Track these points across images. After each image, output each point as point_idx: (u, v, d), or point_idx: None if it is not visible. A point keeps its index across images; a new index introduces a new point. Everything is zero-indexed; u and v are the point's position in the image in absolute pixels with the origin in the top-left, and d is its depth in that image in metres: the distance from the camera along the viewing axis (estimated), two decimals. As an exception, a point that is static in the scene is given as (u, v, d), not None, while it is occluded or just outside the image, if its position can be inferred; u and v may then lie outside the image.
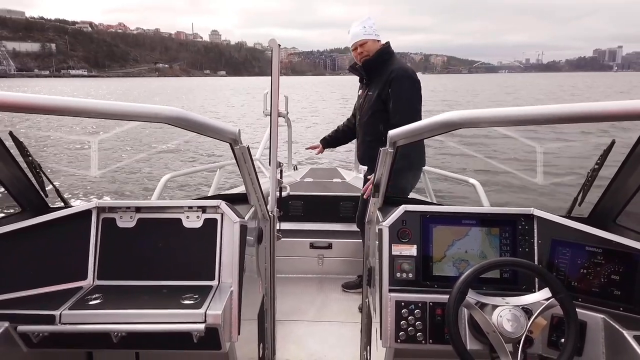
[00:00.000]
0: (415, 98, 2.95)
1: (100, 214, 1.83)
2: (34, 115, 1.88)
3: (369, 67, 3.12)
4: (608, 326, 1.50)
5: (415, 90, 2.96)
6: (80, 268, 1.76)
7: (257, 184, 2.05)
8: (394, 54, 3.15)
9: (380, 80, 3.02)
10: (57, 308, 1.54)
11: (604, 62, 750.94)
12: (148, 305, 1.58)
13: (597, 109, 1.21)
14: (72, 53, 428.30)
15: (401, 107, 2.91)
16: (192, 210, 1.84)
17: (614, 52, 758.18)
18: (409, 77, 2.95)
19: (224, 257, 1.77)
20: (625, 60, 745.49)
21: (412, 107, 2.92)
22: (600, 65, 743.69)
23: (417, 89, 2.97)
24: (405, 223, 1.80)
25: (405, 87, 2.93)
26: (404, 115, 2.84)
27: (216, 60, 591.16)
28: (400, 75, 2.94)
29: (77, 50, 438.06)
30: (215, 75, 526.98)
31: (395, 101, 2.94)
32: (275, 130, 2.35)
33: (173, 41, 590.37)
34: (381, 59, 3.09)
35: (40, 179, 1.97)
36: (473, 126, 1.40)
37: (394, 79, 2.93)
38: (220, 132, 1.58)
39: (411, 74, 2.98)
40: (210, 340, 1.58)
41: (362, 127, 3.26)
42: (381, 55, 3.09)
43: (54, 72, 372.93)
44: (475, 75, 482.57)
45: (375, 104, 3.05)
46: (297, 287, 3.73)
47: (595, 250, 1.64)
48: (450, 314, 1.46)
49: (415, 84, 2.96)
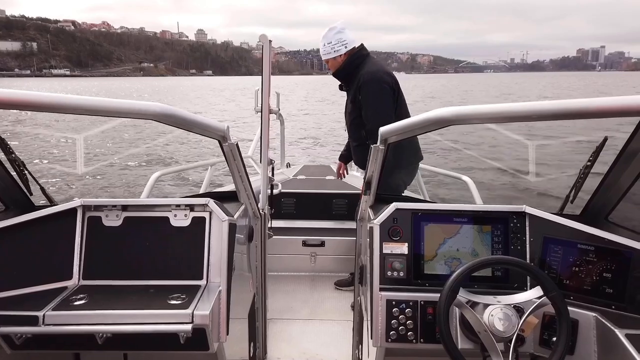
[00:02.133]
0: (383, 100, 2.93)
1: (86, 212, 1.79)
2: (15, 111, 1.62)
3: (339, 78, 3.18)
4: (600, 324, 1.49)
5: (382, 92, 2.93)
6: (65, 268, 1.73)
7: (247, 182, 2.02)
8: (368, 56, 3.11)
9: (354, 86, 3.05)
10: (40, 309, 1.50)
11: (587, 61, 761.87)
12: (134, 305, 1.55)
13: (591, 105, 1.20)
14: (54, 52, 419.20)
15: (370, 114, 2.94)
16: (179, 208, 1.80)
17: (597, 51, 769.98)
18: (375, 81, 2.93)
19: (212, 256, 1.74)
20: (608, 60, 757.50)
21: (381, 112, 2.91)
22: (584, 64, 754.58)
23: (384, 90, 2.93)
24: (396, 221, 1.78)
25: (371, 91, 2.92)
26: (374, 121, 2.87)
27: (202, 59, 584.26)
28: (367, 80, 2.93)
29: (60, 50, 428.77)
30: (201, 74, 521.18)
31: (365, 108, 2.97)
32: (266, 127, 2.31)
33: (158, 40, 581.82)
34: (352, 66, 3.07)
35: (24, 176, 1.93)
36: (465, 122, 1.38)
37: (362, 85, 2.94)
38: (208, 129, 1.56)
39: (378, 77, 2.93)
40: (197, 341, 1.56)
41: (348, 132, 3.36)
42: (350, 64, 3.07)
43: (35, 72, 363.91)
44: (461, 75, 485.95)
45: (353, 110, 3.10)
46: (289, 285, 3.71)
47: (587, 248, 1.63)
48: (441, 313, 1.45)
49: (382, 84, 2.93)
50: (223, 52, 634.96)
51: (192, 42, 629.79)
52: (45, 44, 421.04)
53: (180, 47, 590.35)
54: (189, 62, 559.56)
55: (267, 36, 2.09)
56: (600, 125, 11.83)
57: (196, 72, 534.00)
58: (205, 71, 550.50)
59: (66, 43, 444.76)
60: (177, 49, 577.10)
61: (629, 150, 1.58)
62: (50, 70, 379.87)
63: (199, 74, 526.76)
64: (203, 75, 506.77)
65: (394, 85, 2.99)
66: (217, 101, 47.08)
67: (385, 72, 3.01)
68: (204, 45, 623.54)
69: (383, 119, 2.61)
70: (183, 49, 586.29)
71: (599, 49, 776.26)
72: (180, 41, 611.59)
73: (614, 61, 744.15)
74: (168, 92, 71.85)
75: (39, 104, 1.25)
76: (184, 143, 15.81)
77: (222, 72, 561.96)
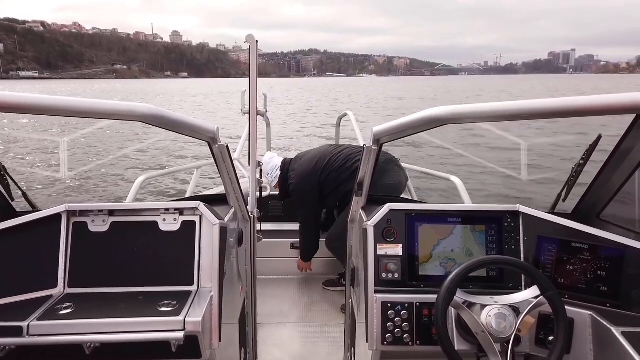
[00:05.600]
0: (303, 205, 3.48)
1: (71, 218, 1.74)
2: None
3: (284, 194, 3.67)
4: (595, 323, 1.49)
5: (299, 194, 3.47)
6: (50, 275, 1.67)
7: (236, 184, 2.00)
8: (290, 166, 3.59)
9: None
10: (24, 319, 1.45)
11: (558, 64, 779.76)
12: (123, 313, 1.50)
13: (588, 103, 1.20)
14: (22, 53, 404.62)
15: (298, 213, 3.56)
16: (168, 212, 1.77)
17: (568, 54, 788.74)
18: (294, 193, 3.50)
19: (203, 260, 1.71)
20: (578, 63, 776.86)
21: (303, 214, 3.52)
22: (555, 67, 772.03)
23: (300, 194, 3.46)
24: (390, 222, 1.77)
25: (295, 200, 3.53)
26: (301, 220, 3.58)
27: (177, 61, 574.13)
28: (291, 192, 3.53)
29: (28, 51, 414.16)
30: (176, 77, 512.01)
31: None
32: (254, 129, 2.28)
33: (132, 41, 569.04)
34: (287, 182, 3.57)
35: (5, 182, 1.88)
36: (459, 122, 1.37)
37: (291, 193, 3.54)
38: (198, 130, 1.52)
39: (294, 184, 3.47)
40: (189, 349, 1.52)
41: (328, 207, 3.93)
42: (285, 181, 3.57)
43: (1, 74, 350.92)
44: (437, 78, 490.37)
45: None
46: (278, 289, 3.72)
47: (581, 246, 1.63)
48: (438, 314, 1.44)
49: (297, 187, 3.45)
50: (199, 54, 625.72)
51: (167, 43, 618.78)
52: (12, 45, 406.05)
53: (155, 48, 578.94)
54: (163, 64, 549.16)
55: (254, 36, 2.05)
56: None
57: (171, 74, 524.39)
58: (180, 73, 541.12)
59: (34, 44, 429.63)
60: (151, 51, 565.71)
61: (622, 148, 1.58)
62: (18, 72, 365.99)
63: (174, 76, 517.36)
64: (178, 78, 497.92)
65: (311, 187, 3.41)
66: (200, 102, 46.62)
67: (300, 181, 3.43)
68: (179, 47, 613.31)
69: (305, 218, 3.52)
70: (158, 51, 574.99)
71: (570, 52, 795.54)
72: (154, 42, 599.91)
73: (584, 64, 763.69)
74: (139, 95, 69.69)
75: (21, 106, 1.17)
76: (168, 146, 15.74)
77: (198, 74, 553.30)
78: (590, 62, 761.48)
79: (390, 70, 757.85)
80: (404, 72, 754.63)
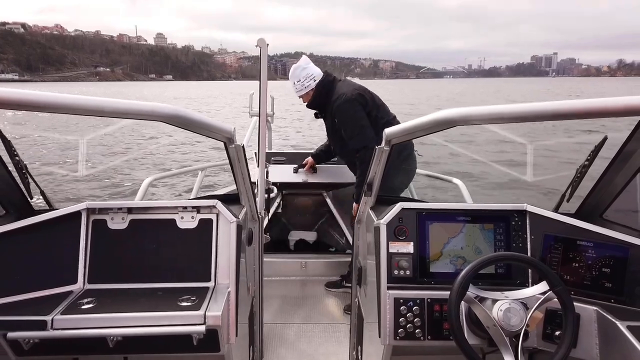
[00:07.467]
0: (356, 118, 3.07)
1: (90, 215, 1.78)
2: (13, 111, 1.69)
3: (314, 108, 3.38)
4: (601, 317, 1.54)
5: (353, 110, 3.08)
6: (70, 272, 1.71)
7: (249, 184, 2.03)
8: (334, 81, 3.28)
9: (328, 112, 3.25)
10: (48, 313, 1.48)
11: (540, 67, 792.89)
12: (144, 308, 1.53)
13: (594, 105, 1.21)
14: (1, 55, 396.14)
15: (349, 133, 3.09)
16: (186, 210, 1.80)
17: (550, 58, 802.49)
18: (345, 103, 3.08)
19: (220, 257, 1.74)
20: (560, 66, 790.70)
21: (356, 128, 3.05)
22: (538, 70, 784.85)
23: (354, 108, 3.08)
24: (402, 220, 1.81)
25: (345, 113, 3.09)
26: (353, 137, 3.06)
27: (162, 64, 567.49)
28: (337, 106, 3.11)
29: (7, 53, 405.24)
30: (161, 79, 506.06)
31: (344, 131, 3.13)
32: (263, 130, 2.28)
33: (115, 44, 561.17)
34: (322, 96, 3.24)
35: (26, 180, 1.90)
36: (468, 123, 1.40)
37: (335, 112, 3.14)
38: (215, 131, 1.54)
39: (346, 99, 3.08)
40: (209, 343, 1.55)
41: (337, 154, 3.65)
42: (320, 94, 3.24)
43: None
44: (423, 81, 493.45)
45: (335, 134, 3.29)
46: (281, 289, 3.75)
47: (587, 244, 1.68)
48: (452, 308, 1.47)
49: (352, 103, 3.08)
50: (184, 57, 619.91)
51: (152, 46, 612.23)
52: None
53: (139, 51, 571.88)
54: (148, 66, 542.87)
55: (264, 40, 2.05)
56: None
57: (156, 77, 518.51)
58: (165, 76, 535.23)
59: (15, 46, 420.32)
60: (135, 53, 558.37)
61: (627, 149, 1.61)
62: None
63: (159, 78, 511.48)
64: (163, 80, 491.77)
65: (364, 100, 3.12)
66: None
67: (352, 92, 3.12)
68: (163, 50, 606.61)
69: (361, 133, 3.02)
70: (142, 53, 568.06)
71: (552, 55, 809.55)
72: (138, 45, 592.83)
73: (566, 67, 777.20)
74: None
75: (42, 104, 1.19)
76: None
77: (183, 77, 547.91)
78: (572, 66, 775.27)
79: (376, 73, 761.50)
80: (390, 75, 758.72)
